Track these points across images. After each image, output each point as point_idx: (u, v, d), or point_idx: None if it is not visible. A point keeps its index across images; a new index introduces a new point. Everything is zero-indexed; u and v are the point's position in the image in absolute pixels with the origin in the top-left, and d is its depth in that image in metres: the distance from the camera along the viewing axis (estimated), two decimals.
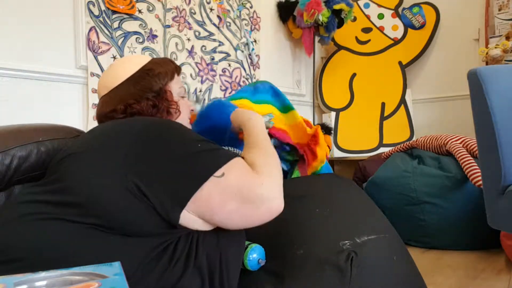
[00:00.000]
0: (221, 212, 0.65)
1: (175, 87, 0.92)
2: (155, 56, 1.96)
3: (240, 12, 2.47)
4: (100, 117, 0.87)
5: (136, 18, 1.90)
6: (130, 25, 1.88)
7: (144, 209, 0.61)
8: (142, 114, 0.83)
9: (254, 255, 0.78)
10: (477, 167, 1.78)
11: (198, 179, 0.64)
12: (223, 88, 2.35)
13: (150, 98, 0.85)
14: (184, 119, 0.95)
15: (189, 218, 0.65)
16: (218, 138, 0.94)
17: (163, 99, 0.88)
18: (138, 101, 0.84)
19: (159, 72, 0.88)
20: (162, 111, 0.87)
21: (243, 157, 0.73)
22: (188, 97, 1.17)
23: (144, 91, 0.85)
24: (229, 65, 2.39)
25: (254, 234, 0.88)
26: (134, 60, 0.90)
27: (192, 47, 2.17)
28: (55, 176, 0.68)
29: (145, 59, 0.91)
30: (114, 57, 1.80)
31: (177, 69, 0.95)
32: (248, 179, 0.66)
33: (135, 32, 1.90)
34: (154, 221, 0.62)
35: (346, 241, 0.76)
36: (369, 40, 3.06)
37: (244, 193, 0.65)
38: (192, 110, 1.02)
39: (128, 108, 0.83)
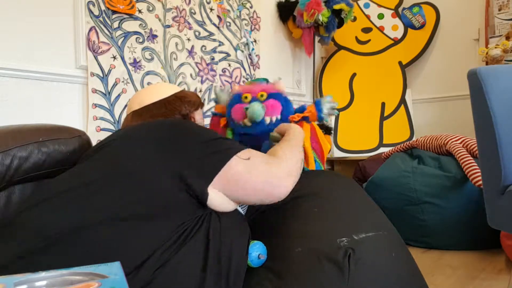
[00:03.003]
0: (247, 189, 0.74)
1: (197, 117, 1.05)
2: (155, 56, 1.97)
3: (240, 12, 2.47)
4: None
5: (136, 18, 1.90)
6: (130, 25, 1.88)
7: (174, 187, 0.67)
8: None
9: (255, 252, 0.80)
10: (477, 167, 1.78)
11: (223, 157, 0.73)
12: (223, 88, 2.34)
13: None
14: None
15: (216, 195, 0.71)
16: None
17: None
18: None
19: (189, 100, 1.01)
20: None
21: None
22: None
23: (174, 113, 0.96)
24: (229, 65, 2.40)
25: (253, 232, 0.89)
26: (169, 87, 1.04)
27: (192, 47, 2.17)
28: (92, 159, 0.74)
29: (178, 88, 1.05)
30: (114, 57, 1.80)
31: (201, 104, 1.07)
32: (270, 163, 0.78)
33: (135, 32, 1.90)
34: (183, 197, 0.68)
35: (344, 238, 0.77)
36: (369, 40, 3.06)
37: (267, 174, 0.76)
38: None
39: None
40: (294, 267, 0.76)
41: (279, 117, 1.13)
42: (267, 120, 1.12)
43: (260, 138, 1.14)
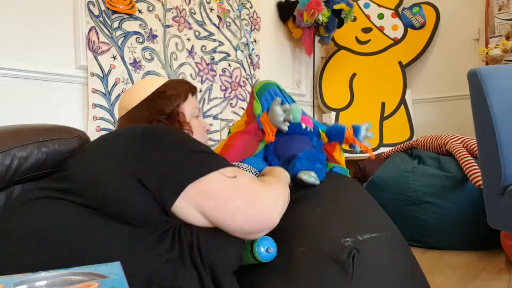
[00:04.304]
0: (225, 209, 0.65)
1: (188, 108, 0.95)
2: (155, 56, 1.97)
3: (240, 12, 2.47)
4: None
5: (136, 18, 1.90)
6: (130, 25, 1.88)
7: (141, 196, 0.62)
8: None
9: (264, 246, 0.77)
10: (477, 167, 1.78)
11: (200, 170, 0.65)
12: (223, 88, 2.35)
13: (162, 120, 0.89)
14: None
15: (186, 209, 0.64)
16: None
17: (175, 120, 0.91)
18: (150, 123, 0.87)
19: (170, 94, 0.92)
20: None
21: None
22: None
23: (157, 114, 0.89)
24: (229, 65, 2.40)
25: None
26: (150, 83, 0.96)
27: (192, 47, 2.17)
28: (63, 168, 0.74)
29: (160, 81, 0.96)
30: (114, 57, 1.80)
31: (192, 90, 0.98)
32: (257, 186, 0.71)
33: (135, 32, 1.90)
34: (151, 208, 0.62)
35: (348, 238, 0.77)
36: (369, 40, 3.06)
37: (251, 196, 0.68)
38: (207, 130, 1.02)
39: None
40: (298, 266, 0.76)
41: (312, 129, 1.23)
42: (303, 125, 1.21)
43: (295, 140, 1.19)
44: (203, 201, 0.64)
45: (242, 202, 0.66)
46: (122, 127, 0.81)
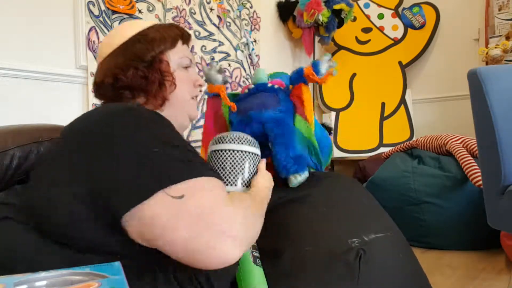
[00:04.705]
0: (162, 239, 0.51)
1: (175, 56, 0.80)
2: None
3: (240, 12, 2.47)
4: (94, 90, 0.81)
5: (136, 18, 1.90)
6: None
7: (94, 221, 0.54)
8: (131, 87, 0.75)
9: None
10: (477, 167, 1.78)
11: (139, 193, 0.51)
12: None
13: (140, 68, 0.74)
14: (181, 93, 0.81)
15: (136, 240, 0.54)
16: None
17: (155, 69, 0.76)
18: (125, 72, 0.74)
19: (153, 37, 0.76)
20: (153, 83, 0.75)
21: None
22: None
23: (133, 60, 0.74)
24: (229, 65, 2.40)
25: (260, 235, 0.88)
26: (133, 25, 0.80)
27: (192, 47, 2.17)
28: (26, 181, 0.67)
29: (144, 24, 0.80)
30: None
31: (183, 36, 0.82)
32: (219, 207, 0.54)
33: None
34: (105, 234, 0.54)
35: (354, 239, 0.77)
36: (369, 40, 3.06)
37: (202, 224, 0.51)
38: (200, 84, 0.86)
39: (116, 82, 0.74)
40: (305, 267, 0.76)
41: (282, 88, 1.18)
42: (269, 84, 1.16)
43: (258, 96, 1.14)
44: (143, 229, 0.52)
45: (186, 232, 0.50)
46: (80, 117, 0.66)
